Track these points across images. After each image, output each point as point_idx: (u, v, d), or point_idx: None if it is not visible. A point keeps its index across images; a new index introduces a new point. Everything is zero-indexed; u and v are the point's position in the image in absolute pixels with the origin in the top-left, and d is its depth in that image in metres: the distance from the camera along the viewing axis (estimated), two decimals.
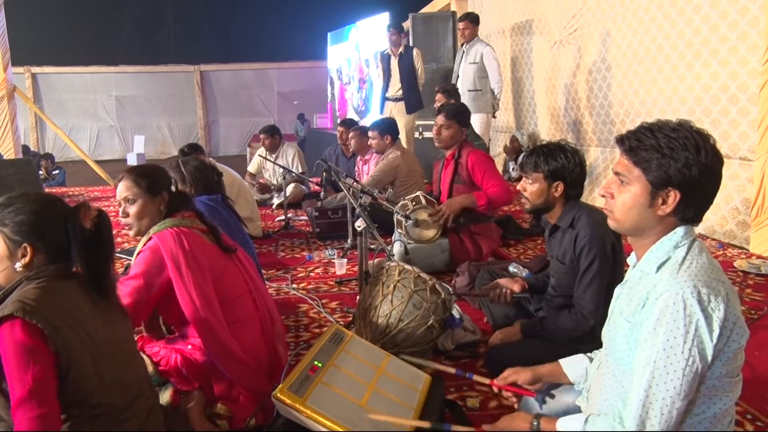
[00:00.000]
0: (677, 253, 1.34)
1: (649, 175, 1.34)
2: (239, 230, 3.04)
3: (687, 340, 1.23)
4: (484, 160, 3.74)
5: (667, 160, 1.30)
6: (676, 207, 1.33)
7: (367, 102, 11.08)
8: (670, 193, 1.33)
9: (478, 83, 6.56)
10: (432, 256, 3.77)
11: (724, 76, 4.54)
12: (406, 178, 4.94)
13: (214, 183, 3.05)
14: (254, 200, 5.12)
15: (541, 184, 2.34)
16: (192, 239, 2.01)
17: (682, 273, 1.29)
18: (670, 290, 1.26)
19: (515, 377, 1.76)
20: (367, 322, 2.37)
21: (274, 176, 6.70)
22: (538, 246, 4.52)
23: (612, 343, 1.45)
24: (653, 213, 1.36)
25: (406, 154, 5.06)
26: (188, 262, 1.95)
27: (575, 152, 2.35)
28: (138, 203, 2.09)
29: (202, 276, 1.97)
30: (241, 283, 2.15)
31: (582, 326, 2.24)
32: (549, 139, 7.15)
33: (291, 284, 3.74)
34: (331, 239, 4.87)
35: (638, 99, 5.52)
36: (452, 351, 2.62)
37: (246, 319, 2.10)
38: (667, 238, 1.36)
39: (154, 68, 17.23)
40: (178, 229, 2.02)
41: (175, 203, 2.14)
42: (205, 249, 2.06)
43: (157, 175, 2.16)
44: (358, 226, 2.95)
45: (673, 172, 1.30)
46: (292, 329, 3.03)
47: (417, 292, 2.33)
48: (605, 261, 2.21)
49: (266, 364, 2.12)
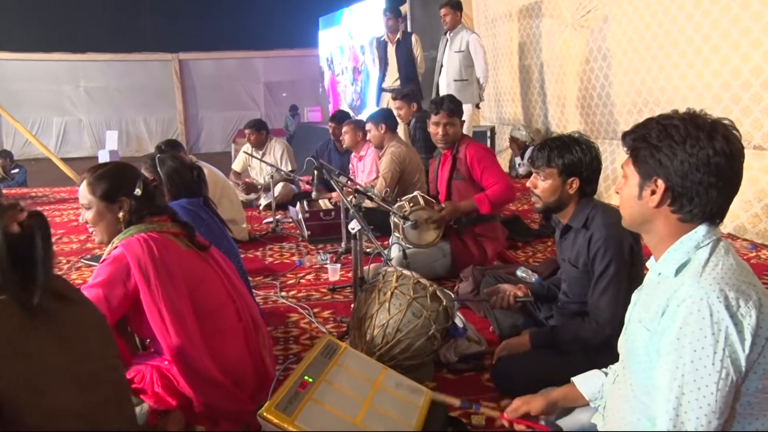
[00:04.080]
0: (699, 255, 1.33)
1: (638, 165, 1.40)
2: (223, 235, 3.03)
3: (717, 350, 1.22)
4: (484, 154, 3.75)
5: (650, 150, 1.36)
6: (664, 198, 1.36)
7: (363, 96, 10.83)
8: (657, 183, 1.36)
9: (464, 73, 6.58)
10: (433, 260, 3.77)
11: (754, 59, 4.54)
12: (410, 176, 4.92)
13: (194, 184, 3.04)
14: (239, 201, 5.11)
15: (554, 181, 2.33)
16: (163, 246, 1.98)
17: (705, 276, 1.28)
18: (693, 295, 1.25)
19: (526, 408, 1.75)
20: (363, 332, 2.36)
21: (261, 175, 6.70)
22: (549, 248, 4.52)
23: (630, 354, 1.44)
24: (645, 206, 1.40)
25: (409, 148, 5.04)
26: (158, 272, 1.92)
27: (590, 144, 2.34)
28: (93, 210, 2.06)
29: (174, 288, 1.94)
30: (222, 291, 2.14)
31: (597, 336, 2.24)
32: (559, 131, 7.16)
33: (280, 292, 3.74)
34: (324, 243, 4.86)
35: (646, 87, 5.54)
36: (455, 363, 2.61)
37: (228, 330, 2.09)
38: (687, 238, 1.36)
39: (126, 56, 17.04)
40: (146, 235, 1.98)
41: (142, 208, 2.08)
42: (180, 256, 2.04)
43: (118, 178, 2.09)
44: (352, 229, 2.95)
45: (655, 161, 1.35)
46: (280, 341, 3.03)
47: (416, 299, 2.33)
48: (622, 264, 2.21)
49: (252, 379, 2.11)
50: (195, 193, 3.01)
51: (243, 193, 6.44)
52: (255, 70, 18.09)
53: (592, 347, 2.24)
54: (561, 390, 1.74)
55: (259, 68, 18.08)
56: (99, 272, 1.95)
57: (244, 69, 17.90)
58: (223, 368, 1.98)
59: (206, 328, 2.00)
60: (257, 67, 18.08)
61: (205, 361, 1.94)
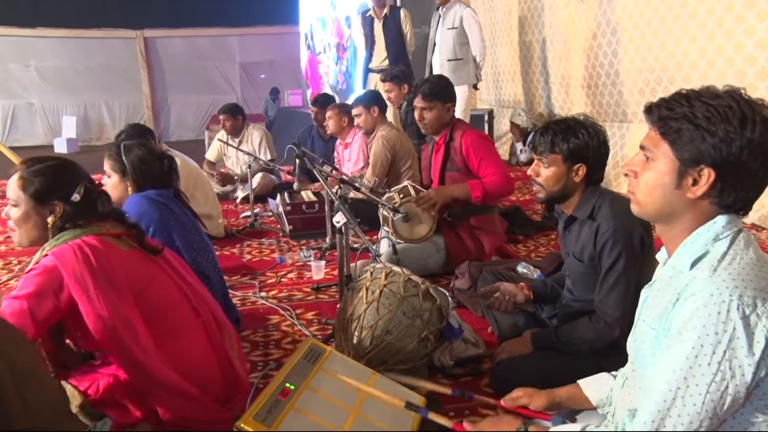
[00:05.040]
0: (717, 247, 1.32)
1: (678, 149, 1.33)
2: (195, 229, 3.03)
3: (717, 351, 1.22)
4: (481, 143, 3.74)
5: (700, 132, 1.29)
6: (709, 189, 1.31)
7: (349, 78, 10.57)
8: (702, 172, 1.31)
9: (459, 51, 6.57)
10: (425, 256, 3.78)
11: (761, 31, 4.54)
12: (401, 163, 4.93)
13: (163, 175, 3.02)
14: (214, 194, 5.11)
15: (558, 168, 2.34)
16: (100, 251, 1.94)
17: (720, 271, 1.28)
18: (704, 291, 1.25)
19: (526, 400, 1.76)
20: (349, 335, 2.37)
21: (237, 165, 6.69)
22: (552, 242, 4.55)
23: (638, 355, 1.45)
24: (682, 196, 1.34)
25: (400, 133, 5.05)
26: (97, 281, 1.88)
27: (597, 128, 2.35)
28: (20, 209, 2.02)
29: (117, 295, 1.92)
30: (173, 290, 2.13)
31: (605, 336, 2.25)
32: (563, 114, 7.18)
33: (259, 292, 3.74)
34: (307, 238, 4.87)
35: (659, 64, 5.54)
36: (451, 368, 2.62)
37: (185, 329, 2.08)
38: (705, 229, 1.35)
39: (84, 32, 16.63)
40: (81, 241, 1.93)
41: (76, 216, 2.02)
42: (121, 259, 2.01)
43: (56, 178, 2.03)
44: (337, 222, 2.95)
45: (707, 146, 1.29)
46: (260, 346, 3.03)
47: (407, 298, 2.34)
48: (632, 258, 2.22)
49: (219, 383, 2.11)
50: (164, 184, 3.00)
51: (218, 185, 6.42)
52: (230, 50, 17.95)
53: (600, 349, 2.26)
54: (566, 389, 1.75)
55: (235, 47, 17.95)
56: (26, 283, 1.89)
57: (217, 48, 17.76)
58: (185, 372, 1.97)
59: (159, 330, 1.99)
60: (232, 45, 17.94)
61: (161, 368, 1.92)
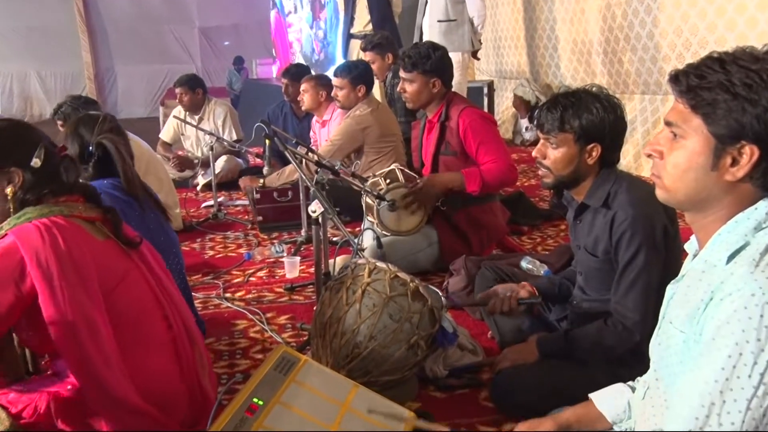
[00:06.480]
0: (758, 238, 1.31)
1: (712, 124, 1.30)
2: (160, 227, 2.95)
3: (759, 361, 1.21)
4: (481, 124, 3.73)
5: (740, 102, 1.26)
6: (752, 170, 1.29)
7: (328, 46, 10.48)
8: (744, 149, 1.29)
9: (452, 11, 6.56)
10: (415, 250, 3.79)
11: None
12: (378, 144, 4.93)
13: None
14: (170, 180, 5.07)
15: (569, 148, 2.32)
16: (71, 235, 1.92)
17: (764, 267, 1.26)
18: (743, 290, 1.24)
19: None
20: (327, 341, 2.36)
21: (197, 146, 6.68)
22: (561, 233, 4.57)
23: (663, 362, 1.45)
24: (718, 178, 1.32)
25: (379, 111, 5.04)
26: (64, 270, 1.85)
27: (612, 101, 2.34)
28: None
29: (85, 290, 1.89)
30: (147, 294, 2.11)
31: (624, 342, 2.26)
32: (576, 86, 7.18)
33: (223, 294, 3.74)
34: (279, 230, 4.88)
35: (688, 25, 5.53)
36: (445, 379, 2.63)
37: (153, 342, 2.07)
38: (744, 216, 1.33)
39: None
40: (48, 221, 1.90)
41: (40, 185, 1.99)
42: (93, 248, 1.98)
43: (10, 141, 2.00)
44: (313, 212, 2.94)
45: (748, 119, 1.26)
46: (224, 356, 3.03)
47: (394, 298, 2.33)
48: (654, 252, 2.22)
49: (184, 404, 2.10)
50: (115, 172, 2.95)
51: (175, 170, 6.40)
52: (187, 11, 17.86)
53: (617, 357, 2.27)
54: (574, 410, 1.75)
55: (193, 8, 17.87)
56: None
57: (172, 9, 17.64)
58: (144, 390, 1.95)
59: (126, 339, 1.97)
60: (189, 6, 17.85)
61: (122, 383, 1.90)
